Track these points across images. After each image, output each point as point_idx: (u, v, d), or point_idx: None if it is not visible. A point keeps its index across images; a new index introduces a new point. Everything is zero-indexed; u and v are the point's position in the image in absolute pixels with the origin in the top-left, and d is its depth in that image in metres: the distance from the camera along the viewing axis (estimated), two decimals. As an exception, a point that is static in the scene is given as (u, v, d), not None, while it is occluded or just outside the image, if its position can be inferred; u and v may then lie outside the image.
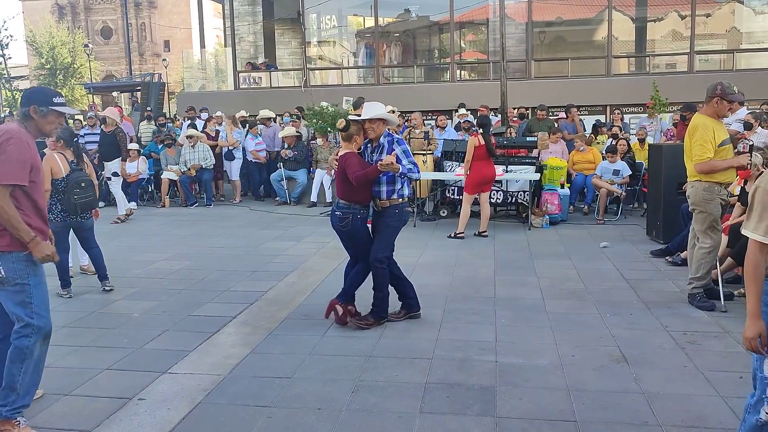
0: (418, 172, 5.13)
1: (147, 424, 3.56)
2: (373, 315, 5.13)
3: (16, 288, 3.34)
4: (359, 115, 5.15)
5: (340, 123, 5.14)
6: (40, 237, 3.42)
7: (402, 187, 5.11)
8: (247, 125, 13.14)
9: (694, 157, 5.37)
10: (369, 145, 5.18)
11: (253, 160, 12.77)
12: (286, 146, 12.22)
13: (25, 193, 3.36)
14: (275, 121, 13.86)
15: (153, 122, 15.11)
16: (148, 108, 18.36)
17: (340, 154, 5.12)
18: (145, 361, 4.46)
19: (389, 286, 5.15)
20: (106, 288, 6.30)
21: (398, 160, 4.90)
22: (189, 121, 13.71)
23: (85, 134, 12.89)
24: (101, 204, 11.23)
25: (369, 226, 5.20)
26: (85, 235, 6.33)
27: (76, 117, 15.40)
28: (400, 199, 5.09)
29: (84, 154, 6.40)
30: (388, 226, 5.10)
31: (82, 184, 6.04)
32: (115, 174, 10.73)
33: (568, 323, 5.08)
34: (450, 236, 8.55)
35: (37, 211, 3.47)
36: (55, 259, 3.47)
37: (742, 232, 2.56)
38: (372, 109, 5.06)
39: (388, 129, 5.19)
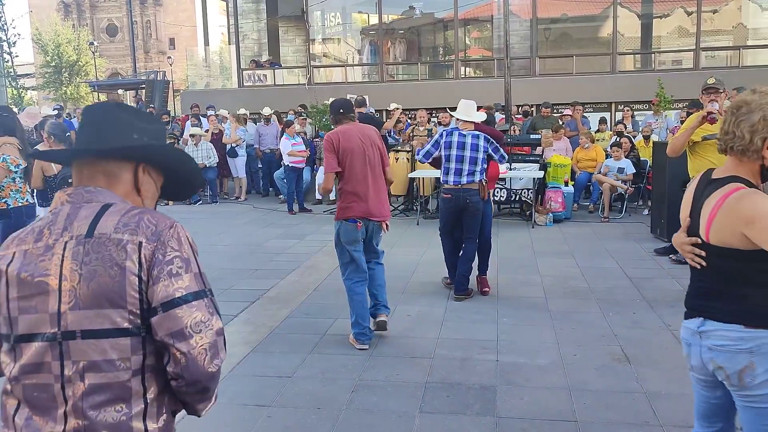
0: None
1: (147, 423, 3.56)
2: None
3: None
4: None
5: None
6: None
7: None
8: (279, 124, 11.42)
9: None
10: None
11: (291, 165, 10.76)
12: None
13: None
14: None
15: (157, 120, 15.09)
16: (151, 105, 18.38)
17: None
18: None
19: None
20: None
21: None
22: (193, 119, 13.69)
23: None
24: None
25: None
26: None
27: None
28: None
29: None
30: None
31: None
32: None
33: (571, 322, 5.06)
34: (453, 234, 8.51)
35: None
36: None
37: None
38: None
39: None
